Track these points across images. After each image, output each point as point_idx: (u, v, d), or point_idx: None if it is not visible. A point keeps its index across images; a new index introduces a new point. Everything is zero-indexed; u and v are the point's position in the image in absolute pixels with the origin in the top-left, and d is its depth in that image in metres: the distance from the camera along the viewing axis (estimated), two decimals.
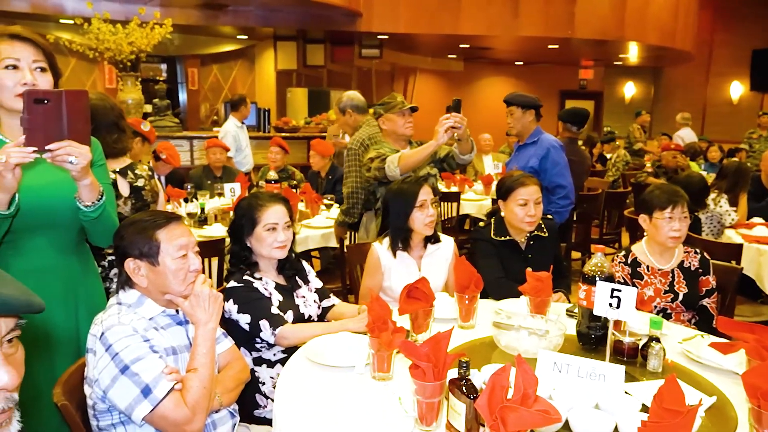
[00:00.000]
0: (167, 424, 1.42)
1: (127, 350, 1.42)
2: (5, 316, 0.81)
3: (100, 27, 6.00)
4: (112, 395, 1.41)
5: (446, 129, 2.68)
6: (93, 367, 1.45)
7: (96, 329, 1.48)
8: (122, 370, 1.41)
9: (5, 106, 1.57)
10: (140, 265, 1.53)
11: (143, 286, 1.55)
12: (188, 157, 6.76)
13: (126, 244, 1.53)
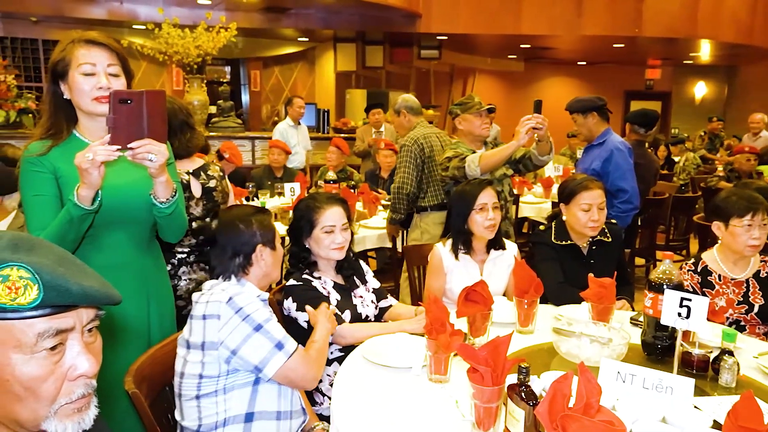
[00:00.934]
0: (295, 375, 1.58)
1: (257, 312, 1.57)
2: (87, 307, 0.85)
3: (169, 32, 6.25)
4: (244, 352, 1.54)
5: (527, 130, 2.66)
6: (218, 330, 1.54)
7: (217, 297, 1.58)
8: (256, 328, 1.55)
9: (84, 109, 1.64)
10: (264, 251, 1.70)
11: (259, 271, 1.71)
12: (250, 157, 6.95)
13: (256, 232, 1.70)
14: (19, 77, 6.61)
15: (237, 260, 1.68)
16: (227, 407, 1.58)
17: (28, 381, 0.80)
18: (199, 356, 1.57)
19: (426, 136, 3.54)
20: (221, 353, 1.55)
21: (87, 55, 1.60)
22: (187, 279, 2.53)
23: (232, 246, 1.68)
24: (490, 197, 2.35)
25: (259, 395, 1.61)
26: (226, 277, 1.68)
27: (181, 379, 1.60)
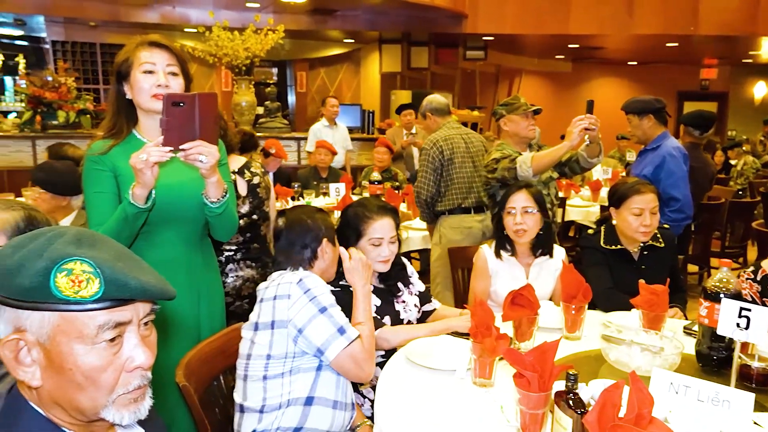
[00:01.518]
0: (353, 362, 1.61)
1: (323, 296, 1.63)
2: (143, 301, 0.88)
3: (219, 34, 6.40)
4: (309, 332, 1.59)
5: (580, 130, 2.61)
6: (287, 308, 1.61)
7: (288, 278, 1.66)
8: (321, 310, 1.61)
9: (143, 106, 1.71)
10: (328, 246, 1.79)
11: (323, 264, 1.79)
12: (295, 157, 7.04)
13: (322, 225, 1.79)
14: (79, 80, 6.90)
15: (305, 253, 1.76)
16: (291, 389, 1.63)
17: (88, 370, 0.83)
18: (268, 336, 1.63)
19: (448, 137, 3.46)
20: (290, 331, 1.61)
21: (148, 56, 1.68)
22: (234, 276, 2.59)
23: (301, 240, 1.76)
24: (521, 201, 2.30)
25: (320, 381, 1.66)
26: (293, 270, 1.73)
27: (247, 361, 1.66)
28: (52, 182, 2.52)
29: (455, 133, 3.49)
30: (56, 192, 2.54)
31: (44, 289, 0.79)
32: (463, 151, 3.45)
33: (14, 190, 4.93)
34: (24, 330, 0.82)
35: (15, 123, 6.21)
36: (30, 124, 5.96)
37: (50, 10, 7.44)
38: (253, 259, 2.68)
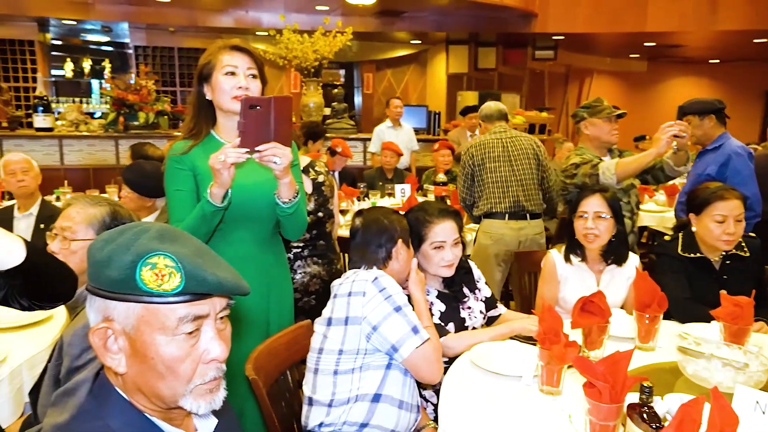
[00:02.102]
0: (425, 362, 1.63)
1: (398, 295, 1.67)
2: (220, 296, 0.92)
3: (289, 37, 6.56)
4: (383, 329, 1.62)
5: (669, 137, 2.50)
6: (362, 306, 1.65)
7: (363, 276, 1.70)
8: (396, 308, 1.64)
9: (223, 107, 1.78)
10: (402, 248, 1.81)
11: (396, 266, 1.80)
12: (361, 158, 7.12)
13: (397, 227, 1.82)
14: (158, 82, 7.25)
15: (379, 253, 1.78)
16: (360, 385, 1.66)
17: (169, 360, 0.87)
18: (341, 332, 1.66)
19: (482, 142, 3.41)
20: (363, 328, 1.64)
21: (230, 59, 1.76)
22: (302, 272, 2.65)
23: (377, 240, 1.79)
24: (595, 206, 2.21)
25: (388, 379, 1.68)
26: (367, 269, 1.76)
27: (318, 355, 1.70)
28: (140, 184, 2.65)
29: (493, 138, 3.42)
30: (142, 193, 2.67)
31: (130, 281, 0.83)
32: (498, 155, 3.35)
33: (99, 187, 5.24)
34: (112, 319, 0.87)
35: (100, 124, 6.60)
36: (114, 125, 6.31)
37: (134, 17, 7.86)
38: (320, 255, 2.74)
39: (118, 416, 0.90)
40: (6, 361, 1.85)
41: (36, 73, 8.24)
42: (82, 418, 0.91)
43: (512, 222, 3.28)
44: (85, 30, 8.99)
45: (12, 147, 6.01)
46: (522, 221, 3.29)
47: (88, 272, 0.88)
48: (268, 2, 7.64)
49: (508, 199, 3.29)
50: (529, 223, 3.31)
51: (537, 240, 3.33)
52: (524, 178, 3.28)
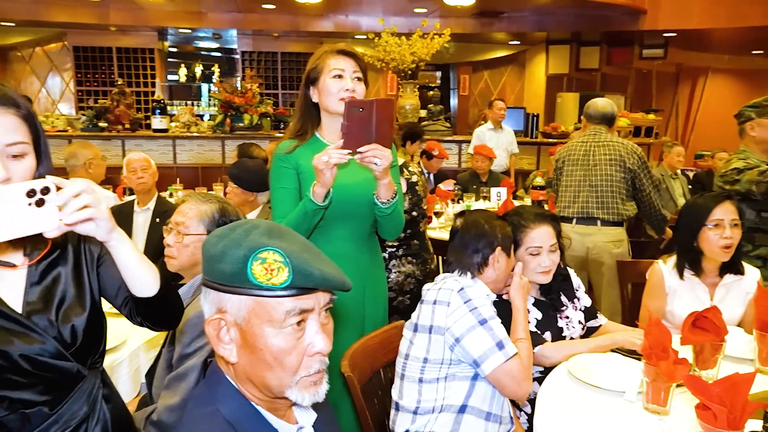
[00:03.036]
0: (510, 379, 1.57)
1: (484, 308, 1.62)
2: (324, 291, 0.95)
3: (387, 40, 6.64)
4: (466, 343, 1.59)
5: None
6: (446, 316, 1.62)
7: (451, 284, 1.66)
8: (481, 322, 1.59)
9: (330, 109, 1.84)
10: (501, 256, 1.75)
11: (492, 274, 1.74)
12: (456, 160, 7.08)
13: (498, 233, 1.76)
14: (261, 86, 7.61)
15: (475, 258, 1.74)
16: (446, 395, 1.64)
17: (276, 352, 0.91)
18: (426, 340, 1.65)
19: (570, 145, 3.37)
20: (446, 339, 1.61)
21: (337, 63, 1.82)
22: (397, 272, 2.68)
23: (474, 244, 1.75)
24: (729, 213, 2.05)
25: (475, 391, 1.64)
26: (461, 273, 1.74)
27: (405, 360, 1.70)
28: (243, 179, 2.81)
29: (579, 142, 3.33)
30: (245, 188, 2.82)
31: (242, 275, 0.88)
32: (577, 160, 3.27)
33: (206, 184, 5.58)
34: (225, 311, 0.92)
35: (209, 125, 7.02)
36: (221, 126, 6.70)
37: (242, 24, 8.30)
38: (414, 255, 2.76)
39: (228, 403, 0.95)
40: (126, 344, 2.02)
41: (154, 79, 8.92)
42: (196, 402, 0.97)
43: (579, 227, 3.24)
44: (197, 37, 9.62)
45: (133, 147, 6.54)
46: (590, 227, 3.22)
47: (203, 266, 0.94)
48: (367, 6, 7.79)
49: (577, 204, 3.26)
50: (600, 230, 3.20)
51: (608, 248, 3.19)
52: (599, 184, 3.18)
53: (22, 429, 1.07)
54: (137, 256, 1.12)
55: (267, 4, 7.52)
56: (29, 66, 9.05)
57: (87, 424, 1.16)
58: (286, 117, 7.11)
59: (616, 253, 3.18)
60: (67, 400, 1.13)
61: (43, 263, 1.12)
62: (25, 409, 1.07)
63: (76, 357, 1.13)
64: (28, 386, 1.07)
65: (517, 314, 1.74)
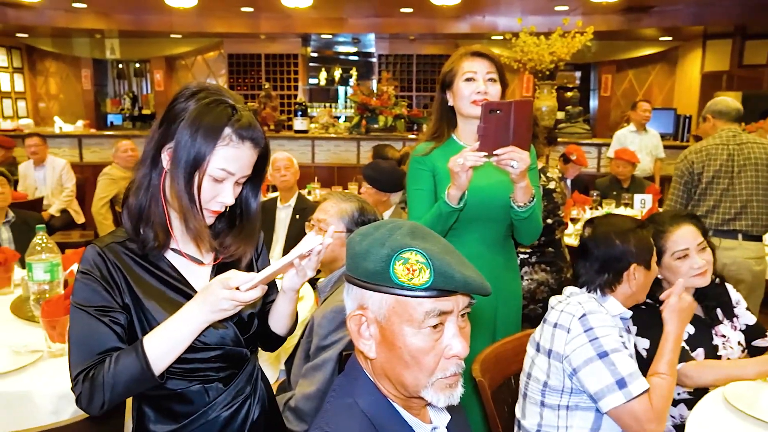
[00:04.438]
0: (633, 421, 1.42)
1: (608, 338, 1.47)
2: (464, 294, 0.94)
3: (525, 40, 6.47)
4: (583, 375, 1.47)
5: None
6: (565, 343, 1.51)
7: (573, 309, 1.54)
8: (600, 354, 1.46)
9: (463, 112, 1.84)
10: (637, 271, 1.59)
11: (627, 290, 1.60)
12: (595, 164, 6.72)
13: (633, 248, 1.59)
14: (396, 88, 7.77)
15: (606, 276, 1.60)
16: (569, 424, 1.54)
17: (414, 351, 0.92)
18: (546, 363, 1.57)
19: (704, 148, 2.94)
20: (565, 367, 1.51)
21: (470, 65, 1.81)
22: (529, 279, 2.60)
23: (603, 260, 1.60)
24: None
25: (604, 424, 1.51)
26: (590, 289, 1.62)
27: (528, 380, 1.63)
28: (377, 179, 2.89)
29: (718, 143, 2.93)
30: (379, 188, 2.90)
31: (385, 273, 0.90)
32: (719, 166, 2.88)
33: (341, 184, 5.82)
34: (366, 307, 0.95)
35: (346, 126, 7.31)
36: (357, 128, 6.94)
37: (380, 28, 8.54)
38: (548, 263, 2.66)
39: (366, 396, 0.97)
40: None
41: (297, 82, 9.48)
42: (335, 393, 1.01)
43: (717, 239, 2.87)
44: (337, 42, 10.06)
45: (276, 146, 6.98)
46: (731, 241, 2.89)
47: (347, 262, 0.98)
48: (505, 6, 7.65)
49: (716, 215, 2.92)
50: (740, 245, 2.86)
51: (748, 265, 2.84)
52: (745, 193, 2.84)
53: (201, 400, 1.22)
54: (294, 308, 1.32)
55: (405, 8, 7.67)
56: (191, 73, 10.03)
57: (251, 401, 1.29)
58: (419, 119, 7.20)
59: (756, 270, 2.85)
60: (236, 379, 1.26)
61: (223, 266, 1.26)
62: (206, 383, 1.22)
63: (246, 342, 1.27)
64: (210, 362, 1.21)
65: (666, 342, 1.55)
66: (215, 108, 1.13)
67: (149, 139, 1.17)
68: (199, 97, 1.14)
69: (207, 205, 1.16)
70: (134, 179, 1.19)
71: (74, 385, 1.10)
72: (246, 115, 1.15)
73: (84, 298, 1.14)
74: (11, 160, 5.63)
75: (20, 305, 2.22)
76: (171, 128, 1.13)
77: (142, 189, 1.17)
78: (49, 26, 8.38)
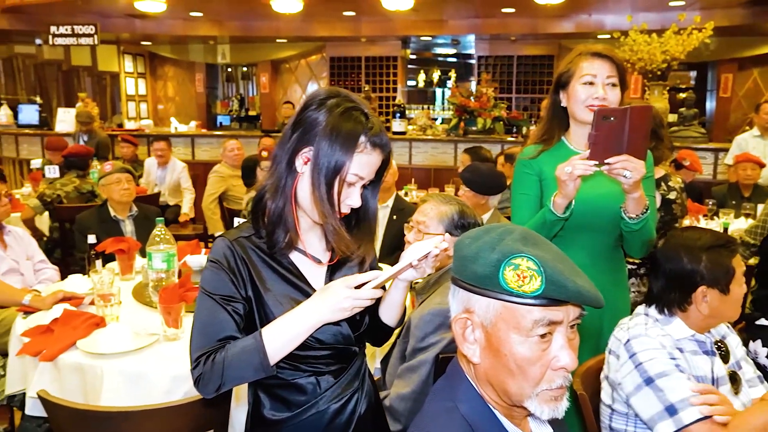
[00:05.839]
0: None
1: (652, 362, 1.41)
2: (575, 305, 0.90)
3: (635, 38, 6.12)
4: (634, 403, 1.43)
5: None
6: (615, 370, 1.49)
7: (621, 334, 1.51)
8: (646, 381, 1.40)
9: (576, 117, 1.76)
10: (709, 294, 1.45)
11: (698, 314, 1.47)
12: (711, 171, 6.24)
13: (703, 269, 1.45)
14: (496, 90, 7.63)
15: (672, 294, 1.48)
16: None
17: (520, 360, 0.89)
18: (608, 386, 1.51)
19: None
20: (620, 395, 1.45)
21: (589, 67, 1.71)
22: (635, 291, 2.46)
23: (669, 276, 1.49)
24: None
25: None
26: (660, 308, 1.52)
27: (600, 403, 1.57)
28: (475, 182, 2.85)
29: None
30: (477, 191, 2.86)
31: (493, 278, 0.88)
32: None
33: (438, 186, 5.80)
34: (472, 311, 0.93)
35: (443, 128, 7.29)
36: (455, 130, 6.90)
37: (481, 29, 8.44)
38: None
39: (467, 402, 0.96)
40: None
41: (396, 84, 9.57)
42: (435, 395, 1.01)
43: None
44: (436, 44, 10.06)
45: None
46: None
47: (454, 265, 0.97)
48: (613, 3, 7.29)
49: None
50: None
51: None
52: None
53: (313, 391, 1.27)
54: (404, 299, 1.32)
55: (506, 8, 7.52)
56: (294, 76, 10.42)
57: (358, 395, 1.33)
58: (519, 121, 7.04)
59: None
60: (345, 373, 1.31)
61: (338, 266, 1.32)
62: (318, 375, 1.27)
63: (356, 339, 1.31)
64: (323, 357, 1.26)
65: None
66: (350, 116, 1.17)
67: (281, 143, 1.22)
68: (330, 104, 1.18)
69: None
70: (268, 182, 1.24)
71: (194, 366, 1.17)
72: (376, 122, 1.20)
73: (212, 285, 1.22)
74: (135, 157, 6.13)
75: (140, 291, 2.41)
76: (307, 135, 1.18)
77: (278, 192, 1.22)
78: (168, 34, 9.05)
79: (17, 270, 2.80)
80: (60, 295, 2.24)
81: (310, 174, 1.18)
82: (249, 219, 1.31)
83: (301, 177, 1.20)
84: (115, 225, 3.27)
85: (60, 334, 1.94)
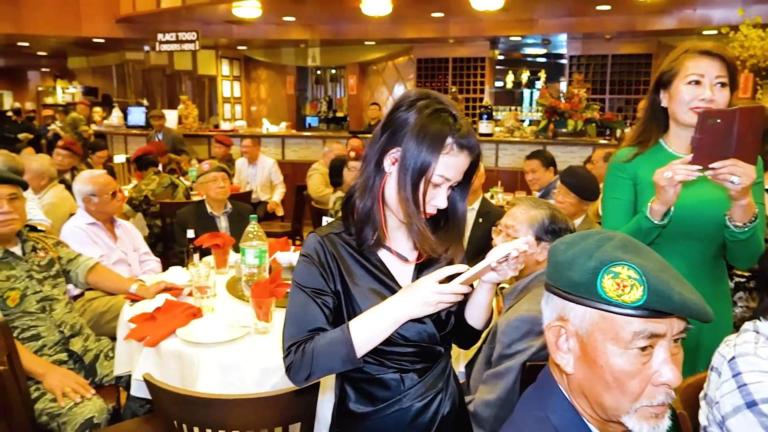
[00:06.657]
0: None
1: (759, 385, 1.30)
2: (680, 318, 0.85)
3: (747, 33, 5.69)
4: (731, 425, 1.33)
5: None
6: (716, 388, 1.39)
7: (726, 350, 1.40)
8: (749, 404, 1.30)
9: (678, 118, 1.65)
10: None
11: None
12: None
13: None
14: (588, 90, 7.34)
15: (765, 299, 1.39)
16: None
17: (617, 373, 0.85)
18: (705, 405, 1.40)
19: None
20: (715, 414, 1.34)
21: (696, 66, 1.60)
22: (743, 306, 2.28)
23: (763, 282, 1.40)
24: None
25: None
26: (757, 317, 1.41)
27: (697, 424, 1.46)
28: (579, 186, 2.75)
29: None
30: (582, 196, 2.75)
31: (590, 286, 0.85)
32: None
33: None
34: (566, 319, 0.90)
35: (531, 130, 7.10)
36: (544, 132, 6.70)
37: (573, 28, 8.15)
38: None
39: (559, 413, 0.93)
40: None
41: (483, 85, 9.45)
42: (526, 404, 0.98)
43: None
44: (526, 44, 9.83)
45: None
46: None
47: (548, 271, 0.94)
48: None
49: None
50: None
51: None
52: None
53: (397, 388, 1.29)
54: (491, 300, 1.31)
55: (601, 5, 7.22)
56: (381, 77, 10.54)
57: (442, 396, 1.33)
58: (613, 123, 6.73)
59: None
60: (430, 373, 1.31)
61: (424, 264, 1.33)
62: (402, 373, 1.29)
63: (441, 339, 1.32)
64: (407, 354, 1.28)
65: None
66: (438, 117, 1.18)
67: (372, 144, 1.25)
68: (420, 105, 1.20)
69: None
70: (358, 181, 1.28)
71: (286, 355, 1.22)
72: (464, 124, 1.20)
73: (303, 279, 1.26)
74: (228, 156, 6.43)
75: (233, 285, 2.52)
76: (396, 135, 1.20)
77: (367, 191, 1.25)
78: (262, 38, 9.43)
79: (125, 260, 3.01)
80: (162, 286, 2.39)
81: (396, 174, 1.20)
82: (339, 216, 1.34)
83: (389, 177, 1.23)
84: (211, 221, 3.45)
85: (162, 322, 2.07)
